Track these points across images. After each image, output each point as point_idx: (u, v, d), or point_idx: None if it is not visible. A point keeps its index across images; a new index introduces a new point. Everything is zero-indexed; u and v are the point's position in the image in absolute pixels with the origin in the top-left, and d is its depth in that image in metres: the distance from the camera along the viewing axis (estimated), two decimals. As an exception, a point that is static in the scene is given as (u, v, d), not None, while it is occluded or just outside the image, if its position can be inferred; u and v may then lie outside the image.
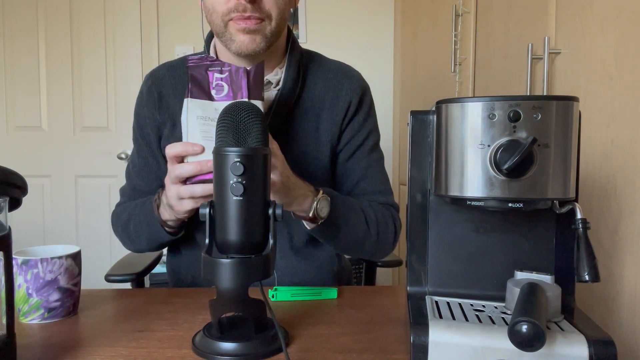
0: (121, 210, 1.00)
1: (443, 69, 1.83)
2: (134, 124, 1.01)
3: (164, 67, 1.01)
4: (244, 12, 0.82)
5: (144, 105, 0.98)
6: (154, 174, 0.99)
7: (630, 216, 0.88)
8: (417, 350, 0.55)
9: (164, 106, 0.96)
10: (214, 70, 0.79)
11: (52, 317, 0.74)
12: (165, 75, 0.98)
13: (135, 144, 1.02)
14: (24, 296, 0.72)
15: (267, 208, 0.62)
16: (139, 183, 1.01)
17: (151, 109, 0.97)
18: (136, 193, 1.01)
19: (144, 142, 0.99)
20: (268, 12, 0.85)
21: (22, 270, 0.72)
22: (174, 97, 0.96)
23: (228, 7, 0.83)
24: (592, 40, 1.00)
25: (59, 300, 0.74)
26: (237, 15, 0.83)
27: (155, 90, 0.97)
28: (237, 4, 0.82)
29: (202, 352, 0.61)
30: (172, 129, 0.96)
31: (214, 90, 0.78)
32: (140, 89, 1.00)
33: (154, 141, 0.98)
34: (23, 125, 2.52)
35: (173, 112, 0.96)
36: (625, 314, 0.89)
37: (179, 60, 1.01)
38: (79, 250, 0.78)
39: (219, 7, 0.84)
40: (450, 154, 0.59)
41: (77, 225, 2.54)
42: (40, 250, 0.78)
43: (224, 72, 0.79)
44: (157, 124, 0.97)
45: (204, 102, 0.78)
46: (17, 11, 2.47)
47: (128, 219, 0.96)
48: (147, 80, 1.00)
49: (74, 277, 0.76)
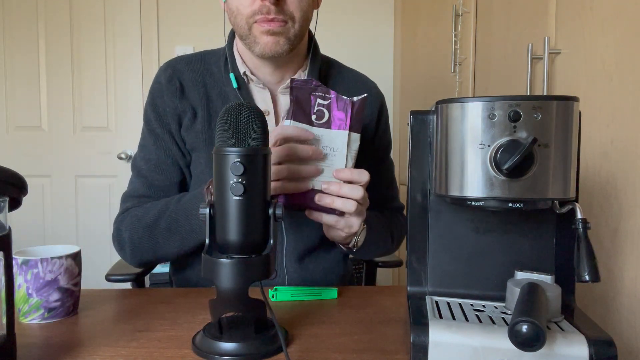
0: (142, 212, 0.91)
1: (443, 69, 1.83)
2: (149, 116, 0.98)
3: (181, 61, 0.99)
4: (267, 14, 0.83)
5: (164, 95, 0.96)
6: (177, 165, 0.97)
7: (630, 216, 0.88)
8: (417, 350, 0.55)
9: (185, 96, 0.95)
10: (317, 96, 0.79)
11: (52, 317, 0.74)
12: (184, 68, 0.97)
13: (150, 137, 0.97)
14: (24, 296, 0.72)
15: (267, 208, 0.62)
16: (158, 178, 0.96)
17: (172, 98, 0.95)
18: (154, 190, 0.96)
19: (164, 131, 0.96)
20: (292, 14, 0.85)
21: (22, 270, 0.71)
22: (194, 89, 0.96)
23: (252, 10, 0.84)
24: (592, 40, 1.00)
25: (59, 300, 0.74)
26: (261, 18, 0.84)
27: (177, 80, 0.96)
28: (261, 5, 0.83)
29: (202, 352, 0.61)
30: (193, 119, 0.95)
31: (314, 116, 0.78)
32: (157, 80, 0.98)
33: (175, 130, 0.96)
34: (23, 125, 2.52)
35: (193, 102, 0.95)
36: (625, 313, 0.89)
37: (195, 55, 1.01)
38: (79, 250, 0.78)
39: (243, 9, 0.85)
40: (451, 154, 0.59)
41: (77, 225, 2.54)
42: (40, 250, 0.78)
43: (327, 98, 0.79)
44: (178, 113, 0.95)
45: (303, 126, 0.77)
46: (17, 11, 2.47)
47: (157, 218, 0.89)
48: (165, 71, 0.98)
49: (74, 277, 0.76)
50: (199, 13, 2.44)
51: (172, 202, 0.89)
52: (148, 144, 0.98)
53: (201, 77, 0.97)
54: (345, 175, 0.77)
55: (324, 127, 0.78)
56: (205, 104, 0.95)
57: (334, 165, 0.78)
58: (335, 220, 0.78)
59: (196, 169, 0.97)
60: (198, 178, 0.97)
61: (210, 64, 0.99)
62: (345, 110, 0.78)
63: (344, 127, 0.78)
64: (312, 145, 0.77)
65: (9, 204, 0.57)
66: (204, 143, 0.95)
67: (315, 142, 0.78)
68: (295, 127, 0.76)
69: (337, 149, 0.78)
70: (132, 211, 0.94)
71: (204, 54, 1.02)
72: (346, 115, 0.78)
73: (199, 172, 0.97)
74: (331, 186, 0.76)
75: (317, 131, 0.78)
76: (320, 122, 0.78)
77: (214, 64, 0.99)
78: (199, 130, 0.95)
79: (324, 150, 0.78)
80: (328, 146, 0.78)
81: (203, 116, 0.95)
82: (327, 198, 0.76)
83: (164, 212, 0.89)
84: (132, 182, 1.00)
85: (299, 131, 0.76)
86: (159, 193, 0.96)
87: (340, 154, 0.78)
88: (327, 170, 0.77)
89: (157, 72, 1.00)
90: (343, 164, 0.78)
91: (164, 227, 0.88)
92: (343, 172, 0.77)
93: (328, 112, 0.78)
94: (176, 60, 1.00)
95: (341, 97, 0.79)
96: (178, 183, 0.98)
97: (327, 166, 0.78)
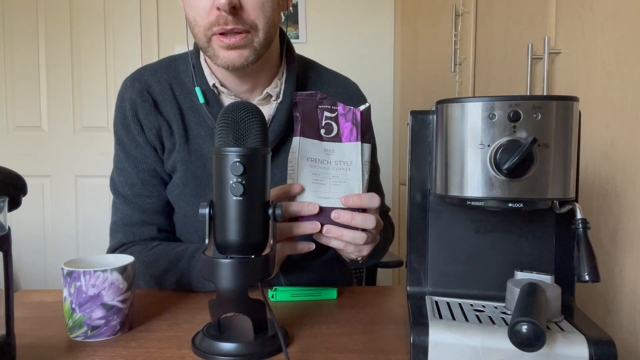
0: (151, 259, 0.86)
1: (443, 69, 1.83)
2: (122, 138, 0.91)
3: (146, 72, 0.93)
4: (225, 25, 0.77)
5: (138, 111, 0.90)
6: (164, 183, 0.93)
7: (630, 216, 0.87)
8: (417, 350, 0.55)
9: (159, 110, 0.90)
10: (323, 109, 0.76)
11: (95, 336, 0.66)
12: (151, 80, 0.92)
13: (128, 160, 0.91)
14: (69, 310, 0.66)
15: (267, 208, 0.62)
16: (148, 202, 0.92)
17: (148, 114, 0.90)
18: (148, 215, 0.92)
19: (149, 147, 0.91)
20: (253, 23, 0.78)
21: (67, 282, 0.65)
22: (165, 102, 0.91)
23: (209, 21, 0.77)
24: (592, 40, 1.00)
25: (102, 318, 0.65)
26: (219, 29, 0.77)
27: (148, 94, 0.90)
28: (218, 16, 0.76)
29: (202, 353, 0.61)
30: (169, 134, 0.90)
31: (323, 130, 0.75)
32: (127, 97, 0.91)
33: (159, 146, 0.91)
34: (23, 125, 2.52)
35: (167, 117, 0.90)
36: (625, 313, 0.89)
37: (160, 64, 0.95)
38: (130, 262, 0.68)
39: (200, 20, 0.79)
40: (450, 154, 0.59)
41: (77, 226, 2.54)
42: (95, 260, 0.71)
43: (333, 111, 0.76)
44: (156, 128, 0.90)
45: (313, 142, 0.74)
46: (17, 11, 2.47)
47: (166, 270, 0.85)
48: (132, 85, 0.91)
49: (121, 292, 0.67)
50: (199, 13, 2.44)
51: (185, 256, 0.84)
52: (127, 166, 0.92)
53: (169, 89, 0.91)
54: (354, 202, 0.71)
55: (335, 141, 0.75)
56: (180, 119, 0.90)
57: (349, 179, 0.74)
58: (345, 245, 0.73)
59: (172, 192, 0.92)
60: (175, 203, 0.93)
61: (179, 72, 0.93)
62: (354, 121, 0.75)
63: (354, 139, 0.75)
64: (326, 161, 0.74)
65: (9, 204, 0.57)
66: (181, 162, 0.90)
67: (326, 157, 0.74)
68: (278, 187, 0.72)
69: (351, 162, 0.74)
70: (137, 253, 0.88)
71: (170, 61, 0.95)
72: (355, 126, 0.75)
73: (174, 197, 0.92)
74: (342, 215, 0.71)
75: (327, 146, 0.75)
76: (330, 136, 0.75)
77: (182, 72, 0.93)
78: (176, 149, 0.90)
79: (337, 165, 0.74)
80: (341, 160, 0.74)
81: (179, 133, 0.90)
82: (336, 230, 0.71)
83: (175, 265, 0.84)
84: (120, 209, 0.93)
85: (283, 189, 0.72)
86: (153, 216, 0.93)
87: (355, 167, 0.74)
88: (342, 186, 0.73)
89: (120, 88, 0.93)
90: (359, 177, 0.74)
91: (174, 281, 0.85)
92: (352, 198, 0.71)
93: (336, 125, 0.75)
94: (140, 72, 0.94)
95: (347, 108, 0.76)
96: (166, 202, 0.94)
97: (342, 181, 0.74)
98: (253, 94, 0.92)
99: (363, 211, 0.72)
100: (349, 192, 0.73)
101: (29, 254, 2.50)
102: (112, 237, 0.94)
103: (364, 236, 0.71)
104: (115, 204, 0.94)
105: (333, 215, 0.71)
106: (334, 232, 0.71)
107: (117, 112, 0.92)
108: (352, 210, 0.72)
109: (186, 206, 0.92)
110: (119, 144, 0.93)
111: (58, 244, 2.53)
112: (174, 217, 0.96)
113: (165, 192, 0.93)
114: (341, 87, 1.00)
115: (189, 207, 0.92)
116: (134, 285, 0.70)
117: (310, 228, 0.71)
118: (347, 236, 0.71)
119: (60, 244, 2.53)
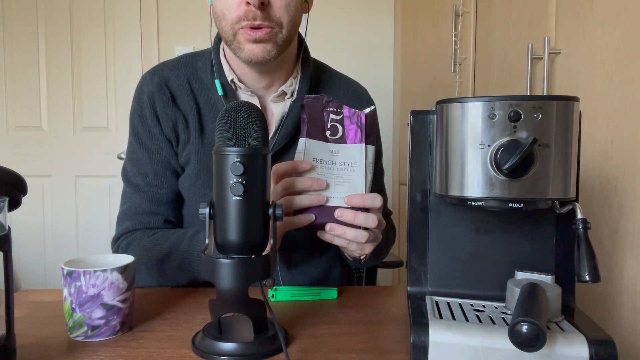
0: (151, 244, 0.88)
1: (443, 69, 1.83)
2: (138, 130, 0.93)
3: (165, 67, 0.96)
4: (254, 20, 0.80)
5: (156, 104, 0.92)
6: (175, 175, 0.94)
7: (630, 216, 0.87)
8: (417, 350, 0.55)
9: (177, 104, 0.93)
10: (329, 111, 0.78)
11: (95, 336, 0.66)
12: (170, 75, 0.94)
13: (142, 150, 0.93)
14: (69, 310, 0.66)
15: (267, 208, 0.62)
16: (159, 192, 0.93)
17: (165, 107, 0.92)
18: (157, 205, 0.94)
19: (163, 139, 0.93)
20: (279, 20, 0.82)
21: (67, 282, 0.65)
22: (183, 97, 0.93)
23: (238, 15, 0.81)
24: (592, 40, 1.00)
25: (102, 318, 0.66)
26: (247, 24, 0.80)
27: (166, 87, 0.93)
28: (247, 11, 0.80)
29: (202, 352, 0.61)
30: (185, 127, 0.93)
31: (329, 132, 0.78)
32: (146, 90, 0.93)
33: (174, 139, 0.93)
34: (23, 125, 2.52)
35: (184, 111, 0.93)
36: (625, 313, 0.89)
37: (179, 60, 0.98)
38: (130, 262, 0.68)
39: (228, 14, 0.82)
40: (451, 154, 0.59)
41: (77, 225, 2.54)
42: (95, 260, 0.71)
43: (339, 113, 0.78)
44: (172, 121, 0.92)
45: (319, 143, 0.77)
46: (17, 11, 2.47)
47: (167, 254, 0.86)
48: (152, 79, 0.94)
49: (121, 292, 0.67)
50: (198, 12, 2.44)
51: (185, 239, 0.86)
52: (141, 157, 0.94)
53: (187, 84, 0.94)
54: (357, 201, 0.74)
55: (339, 142, 0.77)
56: (196, 113, 0.92)
57: (353, 179, 0.76)
58: (347, 243, 0.76)
59: (184, 183, 0.94)
60: (186, 195, 0.95)
61: (197, 68, 0.95)
62: (358, 123, 0.78)
63: (359, 140, 0.77)
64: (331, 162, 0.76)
65: (9, 204, 0.57)
66: (195, 155, 0.92)
67: (331, 158, 0.77)
68: (287, 162, 0.75)
69: (355, 163, 0.77)
70: (138, 239, 0.90)
71: (188, 57, 0.98)
72: (360, 128, 0.77)
73: (185, 188, 0.94)
74: (345, 214, 0.73)
75: (333, 147, 0.77)
76: (335, 138, 0.78)
77: (200, 68, 0.95)
78: (191, 141, 0.92)
79: (341, 165, 0.76)
80: (345, 161, 0.77)
81: (194, 126, 0.92)
82: (339, 228, 0.73)
83: (176, 248, 0.86)
84: (129, 198, 0.95)
85: (292, 164, 0.74)
86: (161, 207, 0.94)
87: (359, 167, 0.76)
88: (346, 186, 0.76)
89: (140, 82, 0.95)
90: (362, 177, 0.76)
91: (175, 265, 0.86)
92: (355, 198, 0.74)
93: (342, 127, 0.78)
94: (159, 67, 0.97)
95: (353, 111, 0.78)
96: (178, 194, 0.96)
97: (346, 181, 0.76)
98: (269, 90, 0.95)
99: (366, 211, 0.75)
100: (353, 192, 0.75)
101: (29, 254, 2.50)
102: (119, 225, 0.95)
103: (366, 234, 0.74)
104: (126, 193, 0.96)
105: (336, 214, 0.73)
106: (337, 230, 0.74)
107: (134, 103, 0.95)
108: (355, 210, 0.74)
109: (197, 197, 0.94)
110: (134, 135, 0.95)
111: (58, 244, 2.53)
112: (184, 208, 0.98)
113: (177, 184, 0.95)
114: (351, 90, 1.04)
115: (199, 198, 0.94)
116: (134, 285, 0.70)
117: (306, 220, 0.74)
118: (349, 234, 0.74)
119: (60, 244, 2.53)
